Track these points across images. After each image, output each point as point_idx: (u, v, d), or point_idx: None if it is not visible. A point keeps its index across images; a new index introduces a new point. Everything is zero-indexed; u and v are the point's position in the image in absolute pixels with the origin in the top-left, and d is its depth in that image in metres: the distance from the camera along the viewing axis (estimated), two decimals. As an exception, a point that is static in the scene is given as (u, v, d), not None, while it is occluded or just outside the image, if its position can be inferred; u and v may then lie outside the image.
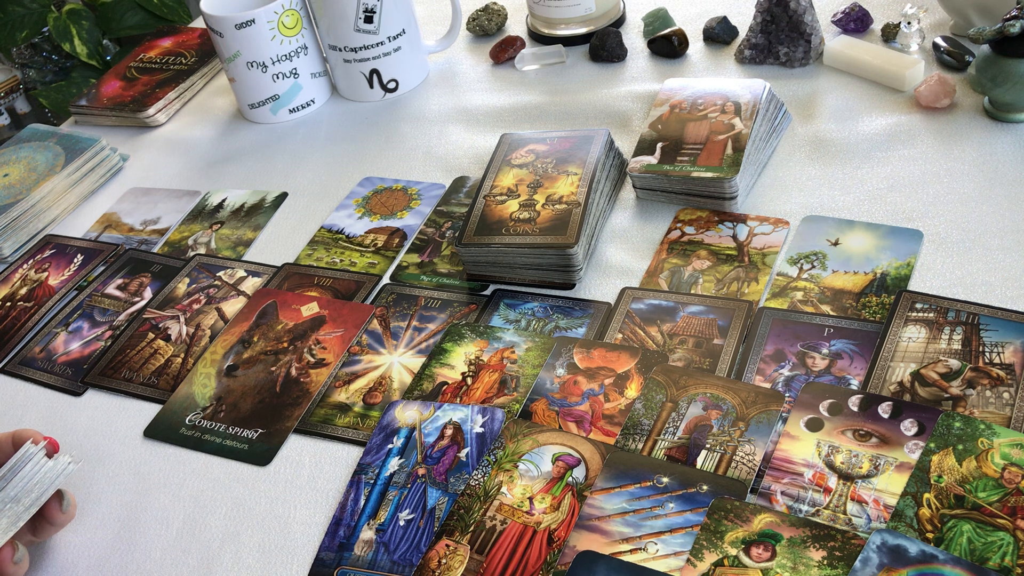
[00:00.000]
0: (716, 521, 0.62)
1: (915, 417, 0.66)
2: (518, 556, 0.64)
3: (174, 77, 1.26)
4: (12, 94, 2.31)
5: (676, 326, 0.78)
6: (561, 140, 0.93)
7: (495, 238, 0.84)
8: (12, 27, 2.06)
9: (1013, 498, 0.60)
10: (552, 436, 0.71)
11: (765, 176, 0.91)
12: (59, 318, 0.94)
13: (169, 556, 0.71)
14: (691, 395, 0.71)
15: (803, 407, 0.68)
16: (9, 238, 1.05)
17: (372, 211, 0.99)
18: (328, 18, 1.11)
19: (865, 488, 0.63)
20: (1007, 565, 0.57)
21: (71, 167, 1.11)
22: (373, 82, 1.15)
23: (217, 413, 0.80)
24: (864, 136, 0.92)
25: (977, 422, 0.64)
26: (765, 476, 0.65)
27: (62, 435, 0.81)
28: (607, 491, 0.66)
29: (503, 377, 0.77)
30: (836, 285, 0.78)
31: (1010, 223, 0.80)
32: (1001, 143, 0.88)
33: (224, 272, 0.95)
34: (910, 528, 0.60)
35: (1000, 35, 0.84)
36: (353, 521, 0.69)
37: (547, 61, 1.15)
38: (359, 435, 0.76)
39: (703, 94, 0.94)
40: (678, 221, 0.88)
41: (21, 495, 0.66)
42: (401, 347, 0.83)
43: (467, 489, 0.69)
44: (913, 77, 0.96)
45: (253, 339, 0.86)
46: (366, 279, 0.90)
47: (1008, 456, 0.62)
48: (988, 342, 0.70)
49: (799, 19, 1.01)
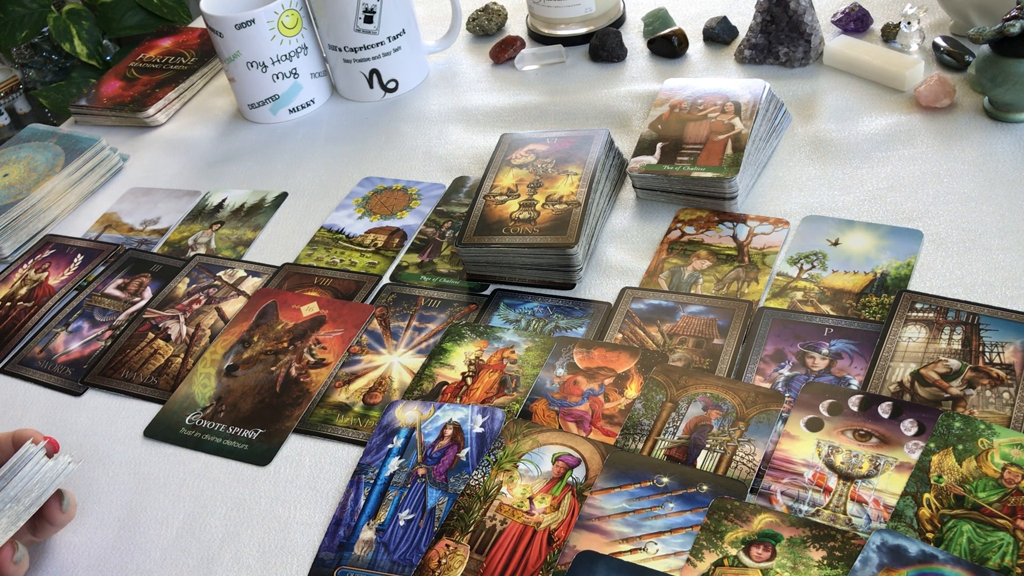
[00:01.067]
0: (716, 521, 0.62)
1: (915, 417, 0.66)
2: (518, 556, 0.64)
3: (174, 77, 1.26)
4: (12, 94, 2.31)
5: (676, 326, 0.78)
6: (561, 140, 0.93)
7: (495, 238, 0.84)
8: (12, 27, 2.06)
9: (1013, 498, 0.60)
10: (552, 436, 0.71)
11: (765, 176, 0.91)
12: (59, 318, 0.94)
13: (169, 556, 0.71)
14: (691, 395, 0.71)
15: (803, 407, 0.68)
16: (9, 238, 1.05)
17: (372, 211, 0.99)
18: (328, 18, 1.11)
19: (865, 488, 0.63)
20: (1007, 565, 0.57)
21: (71, 167, 1.11)
22: (373, 82, 1.15)
23: (217, 413, 0.80)
24: (864, 136, 0.92)
25: (977, 422, 0.64)
26: (765, 476, 0.65)
27: (62, 435, 0.81)
28: (607, 491, 0.66)
29: (503, 377, 0.77)
30: (836, 285, 0.78)
31: (1010, 223, 0.80)
32: (1001, 143, 0.88)
33: (224, 272, 0.95)
34: (910, 528, 0.60)
35: (1000, 35, 0.84)
36: (353, 521, 0.69)
37: (547, 61, 1.15)
38: (359, 435, 0.76)
39: (703, 94, 0.94)
40: (678, 221, 0.88)
41: (21, 495, 0.66)
42: (401, 347, 0.83)
43: (467, 489, 0.69)
44: (913, 77, 0.96)
45: (253, 339, 0.86)
46: (366, 279, 0.90)
47: (1008, 456, 0.62)
48: (988, 342, 0.70)
49: (799, 19, 1.01)
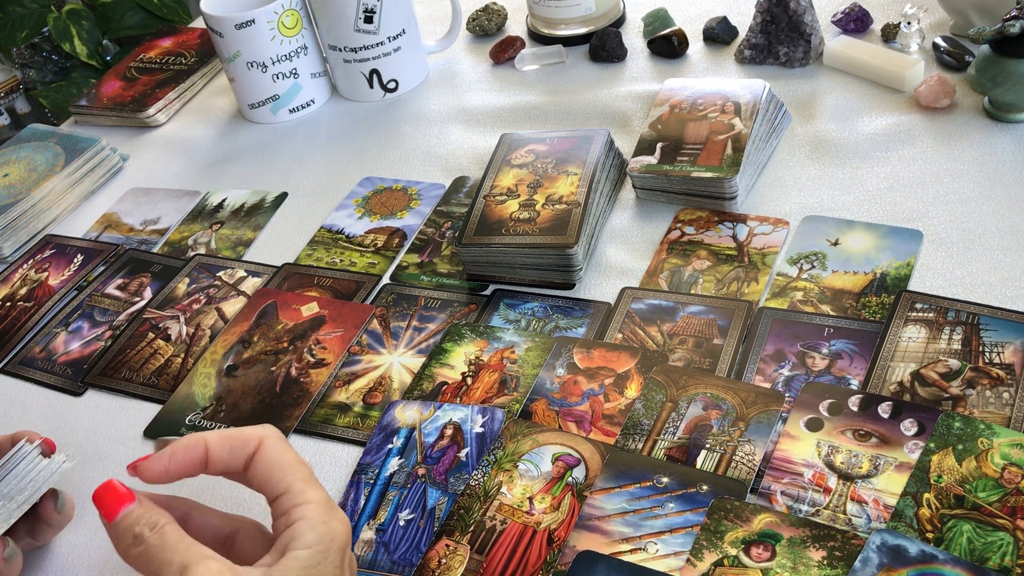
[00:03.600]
0: (716, 521, 0.62)
1: (915, 417, 0.66)
2: (518, 556, 0.64)
3: (174, 77, 1.26)
4: (12, 94, 2.32)
5: (676, 326, 0.78)
6: (561, 140, 0.93)
7: (495, 238, 0.84)
8: (12, 27, 2.06)
9: (1013, 498, 0.60)
10: (552, 436, 0.71)
11: (765, 176, 0.91)
12: (59, 318, 0.94)
13: (169, 556, 0.71)
14: (691, 395, 0.71)
15: (803, 407, 0.68)
16: (9, 238, 1.05)
17: (372, 211, 0.99)
18: (328, 18, 1.11)
19: (865, 488, 0.63)
20: (1007, 565, 0.57)
21: (71, 167, 1.11)
22: (373, 82, 1.15)
23: (217, 413, 0.80)
24: (864, 136, 0.92)
25: (977, 422, 0.64)
26: (765, 476, 0.65)
27: (62, 435, 0.81)
28: (607, 491, 0.66)
29: (503, 377, 0.77)
30: (836, 285, 0.78)
31: (1010, 223, 0.80)
32: (1001, 143, 0.88)
33: (224, 272, 0.95)
34: (910, 528, 0.60)
35: (1000, 35, 0.84)
36: (353, 521, 0.69)
37: (547, 61, 1.15)
38: (359, 435, 0.76)
39: (703, 94, 0.94)
40: (678, 221, 0.88)
41: (14, 492, 0.66)
42: (401, 347, 0.83)
43: (467, 489, 0.69)
44: (913, 77, 0.96)
45: (253, 339, 0.86)
46: (366, 279, 0.90)
47: (1008, 456, 0.62)
48: (988, 342, 0.70)
49: (799, 19, 1.01)
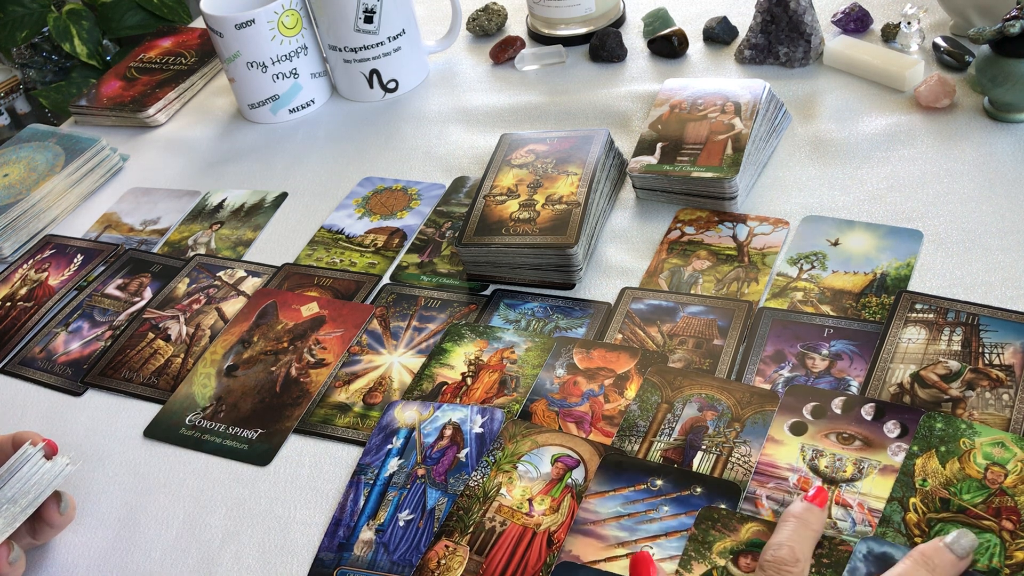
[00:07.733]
0: (704, 531, 0.62)
1: (897, 418, 0.65)
2: (517, 557, 0.64)
3: (174, 77, 1.26)
4: (12, 94, 2.32)
5: (676, 326, 0.78)
6: (561, 140, 0.93)
7: (495, 238, 0.84)
8: (12, 27, 2.06)
9: (997, 499, 0.60)
10: (551, 437, 0.71)
11: (765, 176, 0.91)
12: (59, 318, 0.94)
13: (169, 556, 0.71)
14: (686, 396, 0.71)
15: (787, 411, 0.68)
16: (9, 238, 1.05)
17: (372, 211, 0.99)
18: (328, 18, 1.11)
19: (850, 492, 0.63)
20: (995, 566, 0.57)
21: (71, 167, 1.11)
22: (373, 82, 1.15)
23: (217, 413, 0.80)
24: (864, 136, 0.92)
25: (958, 422, 0.64)
26: (751, 481, 0.65)
27: (62, 435, 0.81)
28: (601, 495, 0.66)
29: (503, 377, 0.77)
30: (836, 285, 0.78)
31: (1010, 223, 0.80)
32: (1001, 143, 0.88)
33: (224, 272, 0.95)
34: (898, 534, 0.60)
35: (1000, 35, 0.84)
36: (353, 521, 0.69)
37: (547, 61, 1.15)
38: (359, 435, 0.76)
39: (703, 94, 0.94)
40: (678, 221, 0.88)
41: (18, 496, 0.66)
42: (401, 347, 0.83)
43: (466, 490, 0.68)
44: (913, 77, 0.96)
45: (253, 339, 0.86)
46: (366, 279, 0.90)
47: (990, 455, 0.62)
48: (988, 343, 0.70)
49: (799, 19, 1.01)
